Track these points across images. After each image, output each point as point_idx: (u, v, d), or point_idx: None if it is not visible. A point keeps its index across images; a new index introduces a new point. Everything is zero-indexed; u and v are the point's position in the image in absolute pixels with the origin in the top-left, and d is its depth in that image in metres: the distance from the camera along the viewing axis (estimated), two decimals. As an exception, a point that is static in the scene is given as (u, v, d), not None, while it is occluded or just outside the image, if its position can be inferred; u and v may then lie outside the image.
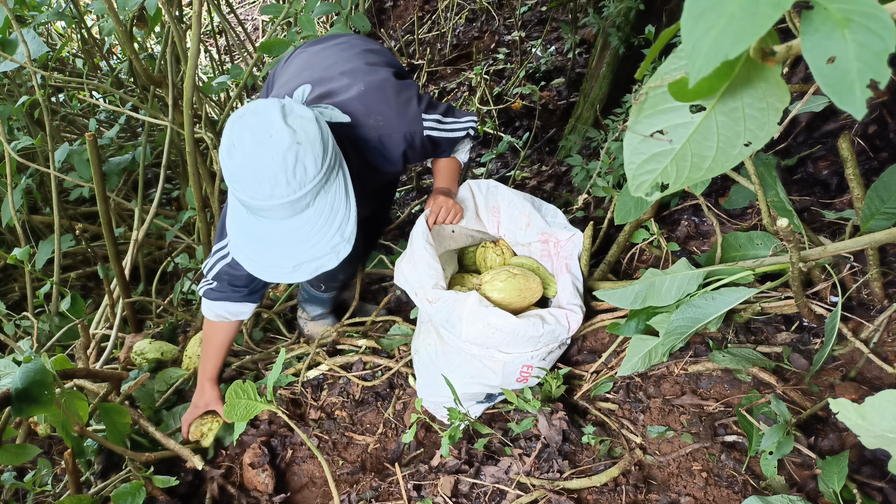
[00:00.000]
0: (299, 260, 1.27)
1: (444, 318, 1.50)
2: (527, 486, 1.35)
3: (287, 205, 1.20)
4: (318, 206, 1.24)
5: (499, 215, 1.81)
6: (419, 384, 1.70)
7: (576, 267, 1.65)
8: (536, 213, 1.74)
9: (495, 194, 1.79)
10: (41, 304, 2.34)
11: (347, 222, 1.28)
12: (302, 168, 1.17)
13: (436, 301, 1.49)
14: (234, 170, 1.18)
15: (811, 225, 1.70)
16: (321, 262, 1.28)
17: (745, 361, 1.41)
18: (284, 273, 1.29)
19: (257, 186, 1.17)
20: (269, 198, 1.18)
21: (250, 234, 1.28)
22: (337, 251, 1.28)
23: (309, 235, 1.25)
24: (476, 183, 1.80)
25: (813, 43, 0.56)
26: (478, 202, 1.80)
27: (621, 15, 2.51)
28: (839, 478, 1.12)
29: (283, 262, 1.27)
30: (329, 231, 1.26)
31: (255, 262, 1.30)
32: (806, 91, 1.06)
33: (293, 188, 1.18)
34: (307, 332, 2.22)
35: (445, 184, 1.76)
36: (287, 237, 1.25)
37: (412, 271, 1.56)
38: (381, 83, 1.52)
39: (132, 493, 1.39)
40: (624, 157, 0.80)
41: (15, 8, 2.34)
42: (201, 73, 4.76)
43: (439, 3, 4.52)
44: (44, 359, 1.22)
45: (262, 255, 1.28)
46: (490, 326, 1.44)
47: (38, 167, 2.21)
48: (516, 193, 1.77)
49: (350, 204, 1.29)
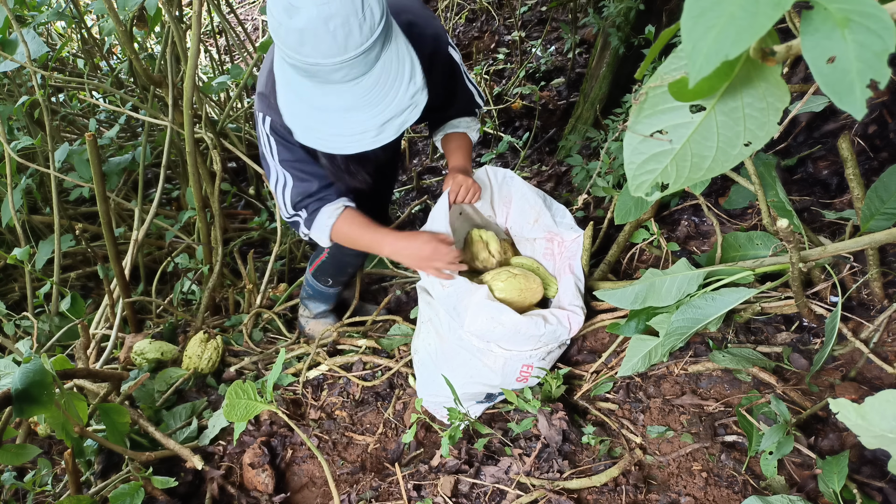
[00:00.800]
0: (383, 118, 1.23)
1: (451, 304, 1.50)
2: (527, 486, 1.34)
3: (361, 58, 1.15)
4: (387, 58, 1.20)
5: (509, 206, 1.81)
6: (419, 384, 1.70)
7: (578, 268, 1.65)
8: (546, 211, 1.74)
9: (510, 185, 1.78)
10: (41, 304, 2.34)
11: (416, 69, 1.25)
12: (369, 9, 1.13)
13: (449, 286, 1.50)
14: (303, 27, 1.11)
15: (811, 225, 1.70)
16: (404, 117, 1.24)
17: (745, 361, 1.41)
18: (370, 137, 1.24)
19: (331, 40, 1.11)
20: (344, 50, 1.13)
21: (325, 108, 1.22)
22: (416, 101, 1.25)
23: (386, 90, 1.21)
24: (493, 170, 1.78)
25: (813, 43, 0.56)
26: (493, 189, 1.80)
27: (621, 15, 2.51)
28: (839, 478, 1.12)
29: (367, 126, 1.23)
30: (403, 82, 1.22)
31: (337, 136, 1.25)
32: (806, 91, 1.06)
33: (365, 35, 1.13)
34: (308, 330, 2.22)
35: (461, 161, 1.72)
36: (365, 98, 1.20)
37: None
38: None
39: (131, 493, 1.39)
40: (624, 157, 0.80)
41: (15, 8, 2.34)
42: (201, 73, 4.75)
43: (439, 3, 4.52)
44: (43, 359, 1.21)
45: (343, 126, 1.23)
46: (493, 320, 1.45)
47: (38, 168, 2.21)
48: (530, 188, 1.76)
49: (411, 52, 1.25)
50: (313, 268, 2.12)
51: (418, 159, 3.76)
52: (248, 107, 3.16)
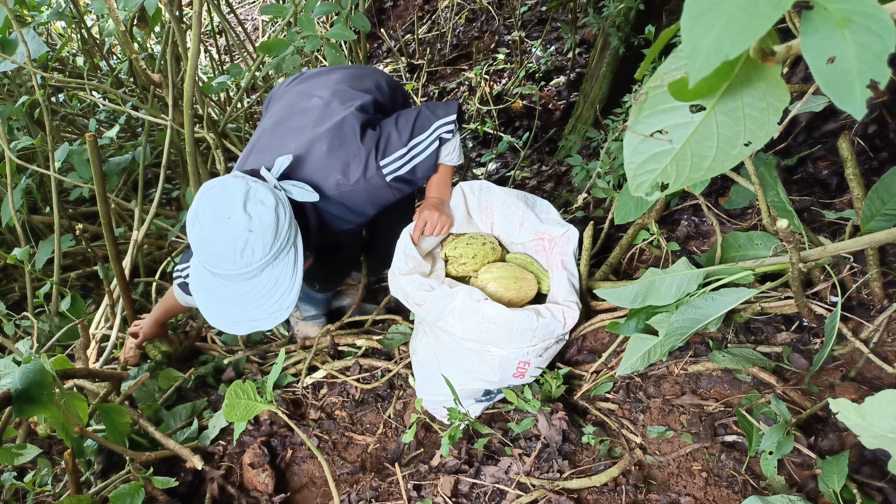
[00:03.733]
0: (238, 318, 1.45)
1: (435, 317, 1.50)
2: (527, 486, 1.35)
3: (233, 276, 1.37)
4: (264, 278, 1.41)
5: (492, 216, 1.81)
6: (418, 384, 1.70)
7: (572, 264, 1.64)
8: (530, 212, 1.74)
9: (488, 195, 1.79)
10: (41, 304, 2.34)
11: (289, 293, 1.44)
12: (250, 252, 1.34)
13: (423, 303, 1.51)
14: (193, 237, 1.37)
15: (811, 225, 1.70)
16: (257, 323, 1.45)
17: (745, 361, 1.41)
18: (225, 324, 1.46)
19: (209, 257, 1.36)
20: (219, 267, 1.36)
21: (202, 284, 1.46)
22: (274, 317, 1.44)
23: (251, 300, 1.42)
24: (468, 185, 1.79)
25: (813, 43, 0.56)
26: (469, 204, 1.80)
27: (621, 15, 2.51)
28: (839, 478, 1.11)
29: (225, 316, 1.45)
30: (270, 300, 1.42)
31: (203, 305, 1.47)
32: (806, 91, 1.06)
33: (239, 266, 1.35)
34: (297, 330, 2.23)
35: (435, 193, 1.77)
36: (232, 297, 1.42)
37: (394, 281, 1.61)
38: (343, 138, 1.60)
39: (131, 493, 1.39)
40: (624, 157, 0.80)
41: (15, 8, 2.34)
42: (201, 72, 4.75)
43: (439, 2, 4.52)
44: (43, 359, 1.21)
45: (210, 304, 1.46)
46: (484, 320, 1.44)
47: (38, 168, 2.21)
48: (509, 193, 1.76)
49: (296, 278, 1.45)
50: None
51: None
52: (248, 107, 3.16)
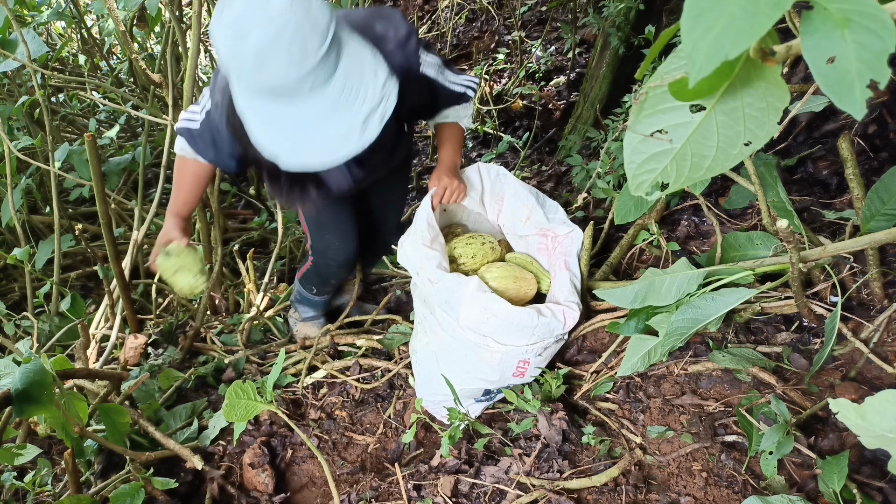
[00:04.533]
0: (363, 114, 1.18)
1: (443, 298, 1.50)
2: (527, 486, 1.35)
3: (322, 62, 1.12)
4: (347, 57, 1.17)
5: (501, 204, 1.81)
6: (418, 384, 1.70)
7: (575, 265, 1.65)
8: (539, 209, 1.74)
9: (502, 182, 1.78)
10: (41, 304, 2.34)
11: (378, 61, 1.21)
12: (316, 14, 1.10)
13: (437, 282, 1.50)
14: (257, 50, 1.07)
15: (811, 225, 1.70)
16: (382, 109, 1.20)
17: (745, 361, 1.41)
18: (355, 137, 1.19)
19: (287, 54, 1.08)
20: (304, 59, 1.09)
21: (302, 125, 1.18)
22: (387, 91, 1.20)
23: (356, 88, 1.17)
24: (486, 167, 1.78)
25: (813, 43, 0.56)
26: (485, 186, 1.80)
27: (621, 15, 2.51)
28: (839, 478, 1.11)
29: (350, 126, 1.18)
30: (369, 75, 1.19)
31: (322, 148, 1.20)
32: (806, 91, 1.06)
33: (319, 39, 1.10)
34: (296, 331, 2.24)
35: (450, 154, 1.70)
36: (339, 99, 1.16)
37: (415, 251, 1.56)
38: (388, 13, 1.42)
39: (131, 493, 1.39)
40: (624, 157, 0.80)
41: (15, 8, 2.34)
42: (201, 72, 4.75)
43: (439, 3, 4.52)
44: (43, 359, 1.21)
45: (325, 134, 1.19)
46: (487, 311, 1.44)
47: (39, 165, 2.21)
48: (522, 185, 1.76)
49: (366, 45, 1.22)
50: (300, 274, 2.14)
51: (418, 159, 3.76)
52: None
